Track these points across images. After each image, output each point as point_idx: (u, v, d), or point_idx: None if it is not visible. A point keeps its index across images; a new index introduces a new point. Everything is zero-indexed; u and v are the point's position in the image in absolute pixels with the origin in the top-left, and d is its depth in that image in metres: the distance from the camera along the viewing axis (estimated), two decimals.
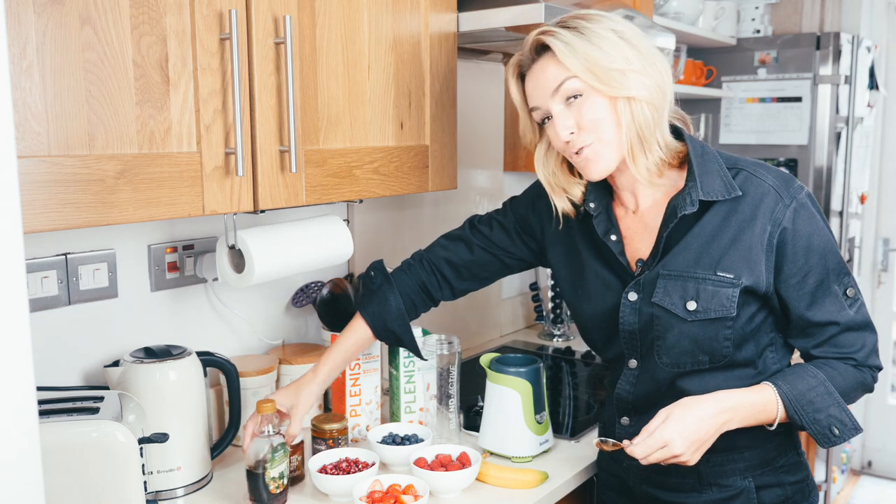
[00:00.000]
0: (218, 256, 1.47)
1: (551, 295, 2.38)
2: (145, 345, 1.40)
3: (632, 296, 1.25)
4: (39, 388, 1.17)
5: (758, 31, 3.18)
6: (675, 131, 1.26)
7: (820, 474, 3.00)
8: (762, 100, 3.10)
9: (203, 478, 1.38)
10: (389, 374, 1.63)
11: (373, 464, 1.37)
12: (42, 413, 1.07)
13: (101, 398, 1.15)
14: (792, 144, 3.05)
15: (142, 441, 1.12)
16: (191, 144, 1.14)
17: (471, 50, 2.04)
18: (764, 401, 1.19)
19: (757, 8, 3.19)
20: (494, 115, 2.29)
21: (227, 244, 1.44)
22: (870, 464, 3.78)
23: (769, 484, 1.28)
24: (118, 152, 1.06)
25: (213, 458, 1.43)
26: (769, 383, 1.20)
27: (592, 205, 1.29)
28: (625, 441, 1.21)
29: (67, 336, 1.38)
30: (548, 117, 1.23)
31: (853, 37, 3.04)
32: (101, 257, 1.41)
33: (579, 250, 1.35)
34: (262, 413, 1.28)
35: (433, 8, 1.53)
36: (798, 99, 3.02)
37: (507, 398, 1.46)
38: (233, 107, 1.17)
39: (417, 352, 1.50)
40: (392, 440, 1.47)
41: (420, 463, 1.38)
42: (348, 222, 1.81)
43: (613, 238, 1.28)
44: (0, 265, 0.66)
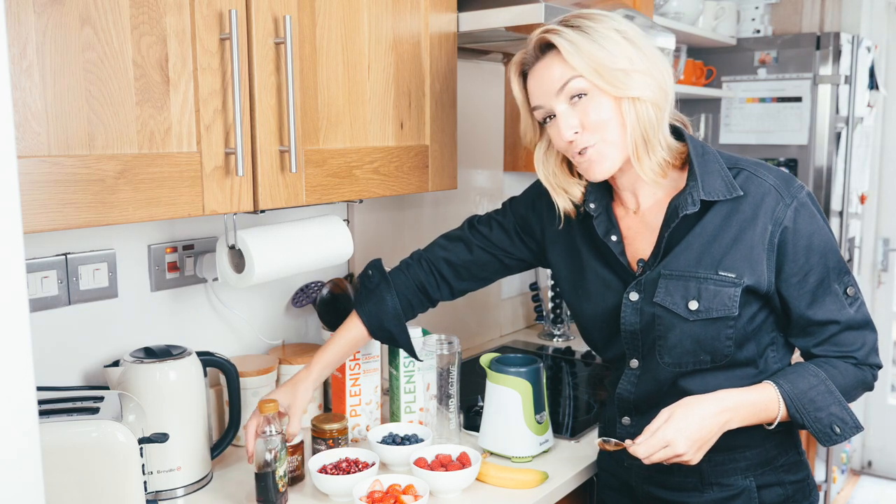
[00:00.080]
0: (218, 256, 1.47)
1: (551, 295, 2.38)
2: (145, 345, 1.39)
3: (633, 296, 1.25)
4: (39, 388, 1.17)
5: (758, 31, 3.18)
6: (675, 132, 1.26)
7: (820, 474, 3.00)
8: (762, 100, 3.10)
9: (203, 478, 1.38)
10: (389, 374, 1.63)
11: (373, 464, 1.37)
12: (42, 413, 1.07)
13: (101, 398, 1.15)
14: (792, 144, 3.05)
15: (142, 441, 1.12)
16: (191, 144, 1.14)
17: (471, 50, 2.04)
18: (765, 400, 1.19)
19: (757, 8, 3.19)
20: (494, 115, 2.29)
21: (227, 244, 1.44)
22: (870, 464, 3.78)
23: (770, 483, 1.28)
24: (118, 152, 1.06)
25: (213, 458, 1.43)
26: (770, 382, 1.20)
27: (592, 205, 1.29)
28: (627, 441, 1.21)
29: (67, 336, 1.38)
30: (550, 116, 1.23)
31: (853, 37, 3.04)
32: (101, 257, 1.41)
33: (579, 250, 1.34)
34: (265, 413, 1.28)
35: (433, 8, 1.53)
36: (798, 99, 3.02)
37: (507, 398, 1.46)
38: (233, 107, 1.17)
39: (413, 352, 1.50)
40: (392, 440, 1.47)
41: (420, 463, 1.38)
42: (348, 222, 1.81)
43: (614, 238, 1.28)
44: (0, 265, 0.66)
